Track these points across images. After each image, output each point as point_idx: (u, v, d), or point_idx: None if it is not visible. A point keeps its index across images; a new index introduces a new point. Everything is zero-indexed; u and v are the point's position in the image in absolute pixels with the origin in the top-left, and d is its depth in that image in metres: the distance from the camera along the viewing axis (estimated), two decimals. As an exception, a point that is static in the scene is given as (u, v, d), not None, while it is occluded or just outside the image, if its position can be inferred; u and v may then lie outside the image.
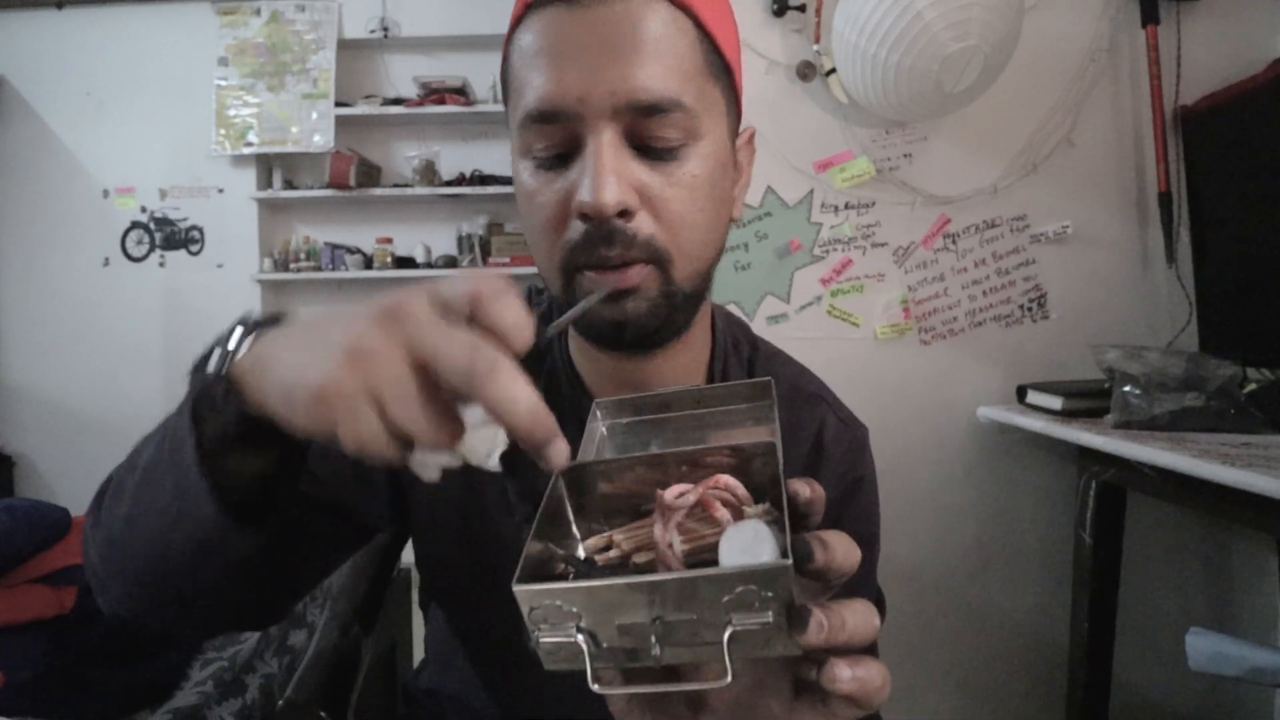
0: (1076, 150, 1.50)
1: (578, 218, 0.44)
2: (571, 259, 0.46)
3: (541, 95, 0.44)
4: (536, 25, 0.45)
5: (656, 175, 0.45)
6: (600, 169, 0.43)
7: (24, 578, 1.11)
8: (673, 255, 0.46)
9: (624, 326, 0.46)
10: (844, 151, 1.53)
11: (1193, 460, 0.93)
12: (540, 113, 0.44)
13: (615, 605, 0.27)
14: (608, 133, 0.43)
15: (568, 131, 0.44)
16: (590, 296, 0.44)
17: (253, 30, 2.70)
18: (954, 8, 1.19)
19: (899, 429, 1.54)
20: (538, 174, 0.46)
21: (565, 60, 0.43)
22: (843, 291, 1.55)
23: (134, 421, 2.71)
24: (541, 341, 0.34)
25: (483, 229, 2.72)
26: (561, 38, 0.44)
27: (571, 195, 0.44)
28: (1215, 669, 0.84)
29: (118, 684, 1.04)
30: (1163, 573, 1.51)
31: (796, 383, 0.62)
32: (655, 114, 0.44)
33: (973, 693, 1.57)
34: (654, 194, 0.45)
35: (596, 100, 0.43)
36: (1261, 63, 1.41)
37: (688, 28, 0.45)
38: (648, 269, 0.46)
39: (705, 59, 0.46)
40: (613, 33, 0.43)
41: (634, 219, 0.44)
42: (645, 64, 0.43)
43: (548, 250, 0.47)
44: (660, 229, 0.45)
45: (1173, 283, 1.47)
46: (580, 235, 0.45)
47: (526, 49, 0.45)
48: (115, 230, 2.77)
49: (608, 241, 0.44)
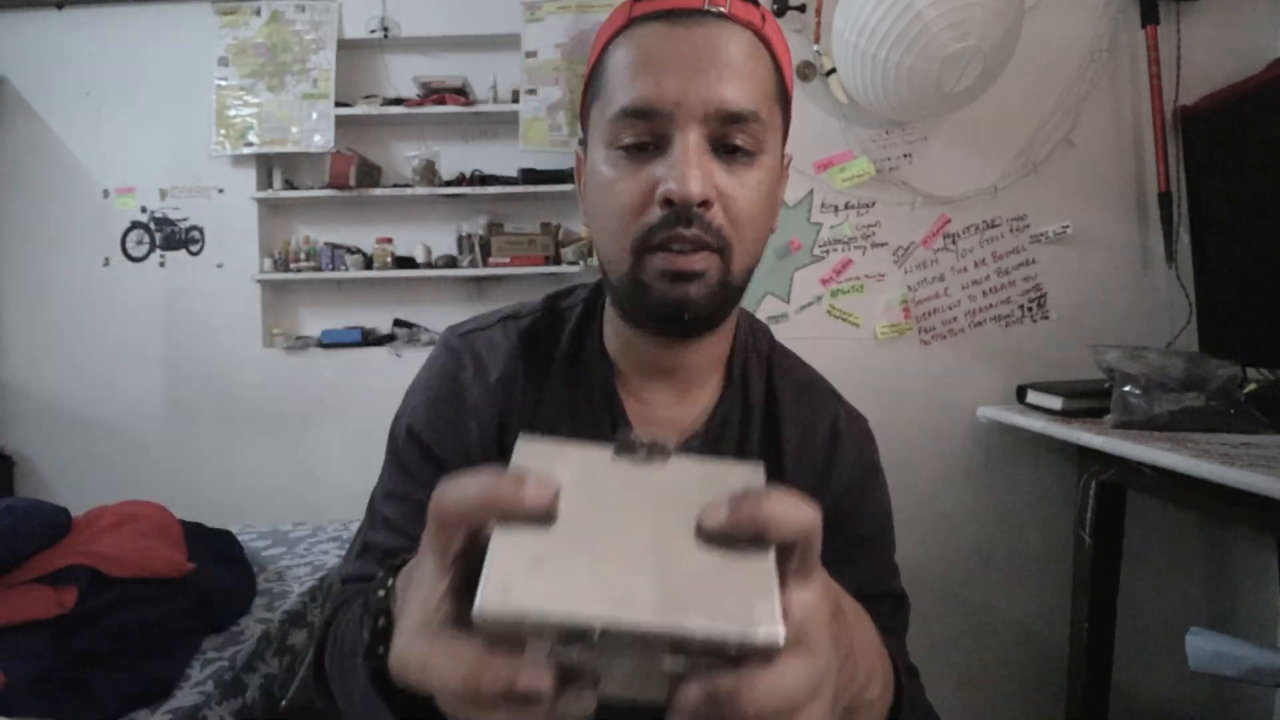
0: (1076, 150, 1.50)
1: (661, 205, 0.49)
2: (647, 238, 0.50)
3: (640, 94, 0.50)
4: (638, 37, 0.52)
5: (729, 176, 0.51)
6: (690, 162, 0.48)
7: (24, 578, 1.11)
8: (734, 247, 0.51)
9: (685, 305, 0.51)
10: (844, 151, 1.53)
11: (1192, 460, 0.93)
12: (637, 109, 0.50)
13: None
14: (695, 133, 0.49)
15: (657, 129, 0.50)
16: None
17: (253, 30, 2.69)
18: (954, 8, 1.19)
19: (899, 429, 1.54)
20: (620, 163, 0.51)
21: (665, 68, 0.49)
22: (843, 291, 1.55)
23: (134, 421, 2.72)
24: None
25: (483, 229, 2.72)
26: (662, 49, 0.50)
27: (654, 184, 0.50)
28: (1215, 669, 0.84)
29: (118, 684, 1.04)
30: (1163, 573, 1.51)
31: (810, 380, 0.67)
32: (735, 123, 0.50)
33: (973, 693, 1.57)
34: (726, 191, 0.50)
35: (690, 104, 0.49)
36: (1261, 63, 1.41)
37: (765, 57, 0.53)
38: (713, 257, 0.51)
39: (775, 85, 0.54)
40: (707, 50, 0.50)
41: (711, 210, 0.50)
42: (732, 80, 0.50)
43: (621, 231, 0.52)
44: (728, 222, 0.51)
45: (1173, 283, 1.47)
46: (659, 219, 0.50)
47: (627, 55, 0.52)
48: (115, 230, 2.76)
49: (687, 222, 0.49)
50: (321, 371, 2.71)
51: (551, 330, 0.63)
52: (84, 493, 2.42)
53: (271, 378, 2.73)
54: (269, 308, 2.78)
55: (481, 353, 0.61)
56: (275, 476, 2.72)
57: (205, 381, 2.74)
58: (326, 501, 2.65)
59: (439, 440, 0.59)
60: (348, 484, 2.63)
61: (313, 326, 2.84)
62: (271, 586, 1.44)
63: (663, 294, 0.51)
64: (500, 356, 0.61)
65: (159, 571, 1.20)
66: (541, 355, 0.62)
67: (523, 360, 0.61)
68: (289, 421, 2.72)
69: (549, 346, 0.62)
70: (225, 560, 1.40)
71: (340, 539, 1.74)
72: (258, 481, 2.71)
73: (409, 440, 0.59)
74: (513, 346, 0.62)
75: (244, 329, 2.73)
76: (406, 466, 0.59)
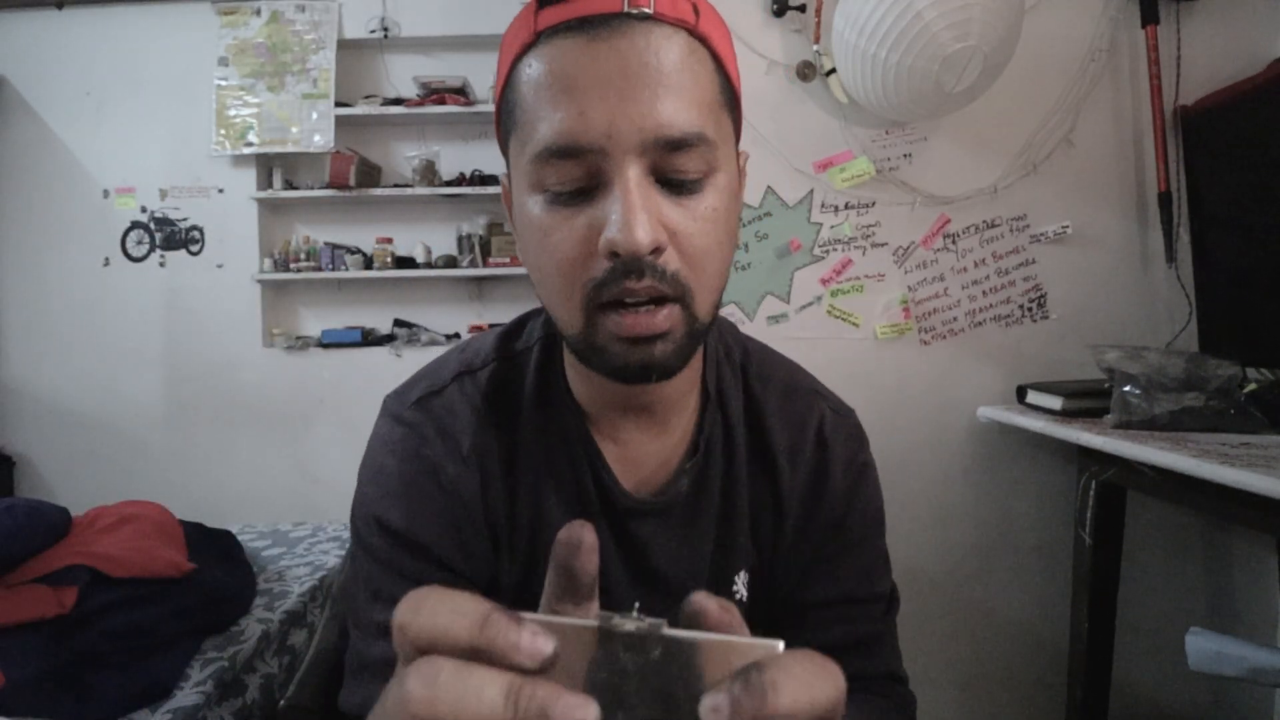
0: (1076, 150, 1.50)
1: (605, 257, 0.43)
2: (595, 296, 0.44)
3: (562, 129, 0.42)
4: (550, 54, 0.43)
5: (679, 210, 0.44)
6: (632, 207, 0.41)
7: (24, 578, 1.11)
8: (695, 290, 0.45)
9: (650, 368, 0.45)
10: (844, 151, 1.53)
11: (1192, 460, 0.93)
12: (560, 148, 0.42)
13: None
14: (634, 169, 0.42)
15: (589, 167, 0.42)
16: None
17: (253, 30, 2.70)
18: (954, 8, 1.19)
19: (899, 429, 1.54)
20: (552, 210, 0.44)
21: (586, 93, 0.41)
22: (843, 291, 1.55)
23: (134, 421, 2.72)
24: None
25: (483, 229, 2.72)
26: (581, 69, 0.42)
27: (595, 232, 0.43)
28: (1215, 669, 0.84)
29: (118, 684, 1.04)
30: (1163, 573, 1.51)
31: (792, 380, 0.62)
32: (681, 148, 0.42)
33: (973, 693, 1.57)
34: (678, 229, 0.44)
35: (623, 135, 0.41)
36: (1261, 63, 1.41)
37: (704, 57, 0.45)
38: (675, 310, 0.44)
39: (720, 88, 0.46)
40: (636, 64, 0.41)
41: (662, 255, 0.43)
42: (670, 97, 0.42)
43: (565, 289, 0.45)
44: (684, 264, 0.44)
45: (1173, 283, 1.47)
46: (605, 272, 0.43)
47: (538, 79, 0.43)
48: (115, 230, 2.77)
49: (638, 274, 0.42)
50: (321, 371, 2.72)
51: (513, 380, 0.57)
52: (84, 493, 2.43)
53: (271, 378, 2.73)
54: (269, 308, 2.78)
55: (444, 422, 0.54)
56: (275, 476, 2.72)
57: (205, 381, 2.74)
58: (326, 501, 2.65)
59: (423, 530, 0.52)
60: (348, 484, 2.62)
61: (313, 326, 2.84)
62: (271, 586, 1.44)
63: (623, 358, 0.45)
64: (466, 424, 0.54)
65: (159, 572, 1.20)
66: (509, 410, 0.56)
67: (491, 422, 0.55)
68: (289, 421, 2.72)
69: (514, 398, 0.56)
70: (225, 560, 1.40)
71: (340, 539, 1.74)
72: (258, 481, 2.71)
73: (387, 536, 0.52)
74: (476, 409, 0.55)
75: (244, 329, 2.73)
76: (391, 565, 0.52)
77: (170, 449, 2.74)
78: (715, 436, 0.58)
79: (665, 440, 0.56)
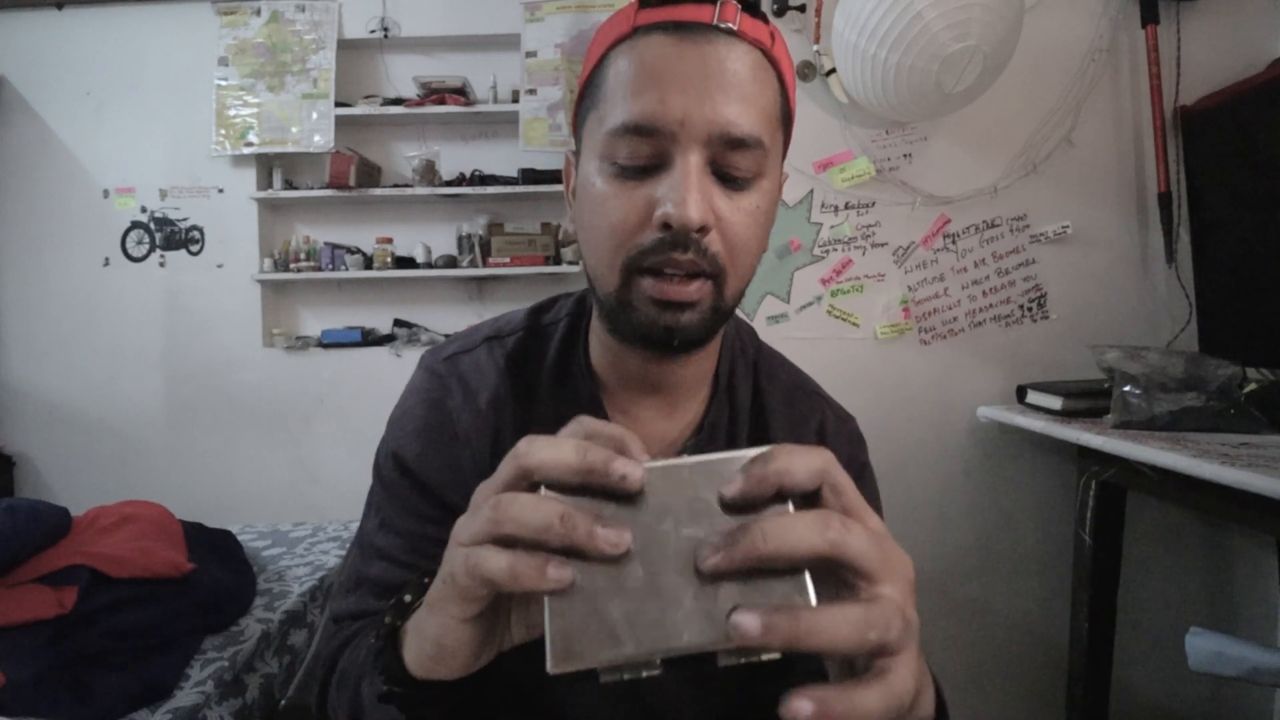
0: (1076, 150, 1.50)
1: (657, 227, 0.48)
2: (639, 260, 0.49)
3: (643, 110, 0.48)
4: (643, 47, 0.49)
5: (728, 202, 0.49)
6: (690, 186, 0.47)
7: (24, 578, 1.10)
8: (729, 273, 0.50)
9: (674, 333, 0.50)
10: (844, 151, 1.53)
11: (1192, 460, 0.93)
12: (638, 126, 0.48)
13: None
14: (697, 156, 0.47)
15: (658, 147, 0.48)
16: None
17: (253, 30, 2.69)
18: (954, 8, 1.19)
19: (899, 429, 1.54)
20: (615, 181, 0.50)
21: (669, 84, 0.47)
22: (843, 291, 1.55)
23: (134, 421, 2.72)
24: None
25: (483, 229, 2.72)
26: (668, 64, 0.48)
27: (650, 206, 0.48)
28: (1215, 669, 0.84)
29: (118, 684, 1.04)
30: (1163, 573, 1.51)
31: (796, 382, 0.67)
32: (739, 147, 0.48)
33: (973, 693, 1.57)
34: (724, 217, 0.49)
35: (694, 125, 0.47)
36: (1261, 63, 1.41)
37: (771, 78, 0.51)
38: (707, 285, 0.50)
39: (780, 108, 0.52)
40: (715, 69, 0.47)
41: (708, 236, 0.49)
42: (739, 102, 0.48)
43: (612, 249, 0.50)
44: (724, 249, 0.50)
45: (1173, 283, 1.47)
46: (653, 241, 0.48)
47: (629, 66, 0.49)
48: (115, 230, 2.76)
49: (683, 248, 0.48)
50: (321, 371, 2.71)
51: (537, 349, 0.62)
52: (84, 493, 2.42)
53: (271, 378, 2.73)
54: (269, 308, 2.78)
55: (468, 377, 0.60)
56: (275, 476, 2.72)
57: (205, 381, 2.74)
58: (326, 501, 2.65)
59: (432, 470, 0.58)
60: (348, 484, 2.64)
61: (313, 326, 2.84)
62: (271, 586, 1.44)
63: (651, 319, 0.50)
64: (488, 380, 0.60)
65: (159, 571, 1.20)
66: (528, 375, 0.61)
67: (510, 382, 0.60)
68: (289, 421, 2.72)
69: (535, 366, 0.61)
70: (225, 560, 1.40)
71: (340, 539, 1.74)
72: (258, 481, 2.71)
73: (400, 471, 0.58)
74: (500, 369, 0.61)
75: (244, 329, 2.73)
76: (399, 498, 0.58)
77: (170, 449, 2.74)
78: (720, 422, 0.62)
79: (674, 421, 0.61)
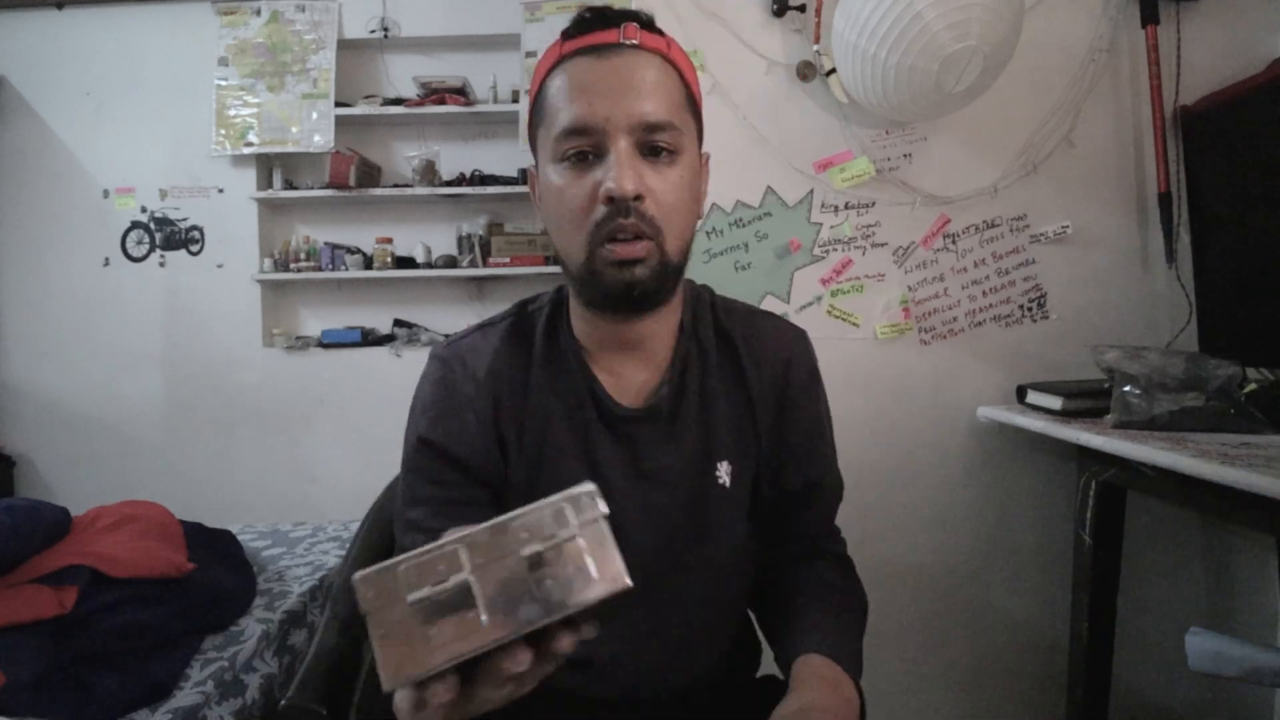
0: (1076, 150, 1.50)
1: (603, 203, 0.61)
2: (597, 233, 0.62)
3: (578, 115, 0.62)
4: (570, 69, 0.63)
5: (655, 174, 0.63)
6: (623, 165, 0.60)
7: (24, 578, 1.10)
8: (666, 232, 0.63)
9: (633, 285, 0.63)
10: (844, 151, 1.53)
11: (1192, 460, 0.93)
12: (576, 128, 0.62)
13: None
14: (624, 142, 0.61)
15: (593, 142, 0.62)
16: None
17: (253, 30, 2.69)
18: (954, 8, 1.19)
19: (899, 429, 1.54)
20: (567, 174, 0.63)
21: (595, 92, 0.62)
22: (843, 291, 1.55)
23: (133, 422, 2.72)
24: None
25: (483, 229, 2.72)
26: (591, 77, 0.62)
27: (597, 187, 0.61)
28: (1215, 669, 0.83)
29: (118, 684, 1.04)
30: (1163, 573, 1.51)
31: (751, 309, 0.80)
32: (656, 131, 0.62)
33: (973, 693, 1.57)
34: (654, 186, 0.62)
35: (618, 119, 0.61)
36: (1261, 63, 1.41)
37: (673, 75, 0.66)
38: (651, 245, 0.62)
39: (684, 97, 0.67)
40: (626, 75, 0.62)
41: (644, 203, 0.61)
42: (650, 96, 0.62)
43: (575, 230, 0.63)
44: (659, 212, 0.62)
45: (1173, 283, 1.47)
46: (604, 214, 0.61)
47: (563, 84, 0.63)
48: (115, 230, 2.76)
49: (625, 214, 0.61)
50: (321, 371, 2.71)
51: (527, 327, 0.75)
52: (84, 493, 2.42)
53: (271, 378, 2.73)
54: (269, 308, 2.78)
55: (467, 356, 0.72)
56: (275, 476, 2.72)
57: (205, 381, 2.74)
58: (326, 501, 2.65)
59: (445, 436, 0.69)
60: (348, 484, 2.64)
61: (313, 326, 2.84)
62: (271, 586, 1.44)
63: (613, 278, 0.62)
64: (485, 355, 0.72)
65: (159, 571, 1.20)
66: (522, 349, 0.73)
67: (506, 355, 0.72)
68: (289, 421, 2.72)
69: (527, 341, 0.74)
70: (225, 560, 1.40)
71: (340, 539, 1.74)
72: (258, 481, 2.71)
73: (421, 447, 0.69)
74: (495, 346, 0.73)
75: (244, 329, 2.73)
76: (423, 470, 0.69)
77: (170, 449, 2.74)
78: (691, 355, 0.74)
79: (650, 368, 0.73)
